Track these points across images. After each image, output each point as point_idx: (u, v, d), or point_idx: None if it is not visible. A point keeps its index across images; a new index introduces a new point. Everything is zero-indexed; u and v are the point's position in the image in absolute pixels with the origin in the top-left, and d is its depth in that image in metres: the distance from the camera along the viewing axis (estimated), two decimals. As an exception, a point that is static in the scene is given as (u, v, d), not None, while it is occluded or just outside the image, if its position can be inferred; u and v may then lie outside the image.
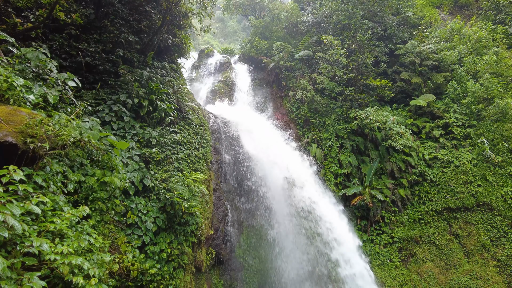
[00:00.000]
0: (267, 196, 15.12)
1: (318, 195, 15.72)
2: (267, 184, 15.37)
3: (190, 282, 11.92)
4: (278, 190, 15.35)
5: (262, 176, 15.46)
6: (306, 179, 15.98)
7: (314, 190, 15.80)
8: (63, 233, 4.39)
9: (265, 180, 15.43)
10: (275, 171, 15.65)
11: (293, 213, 14.85)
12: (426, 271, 15.54)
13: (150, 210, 10.87)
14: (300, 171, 16.32)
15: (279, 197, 15.37)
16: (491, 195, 15.92)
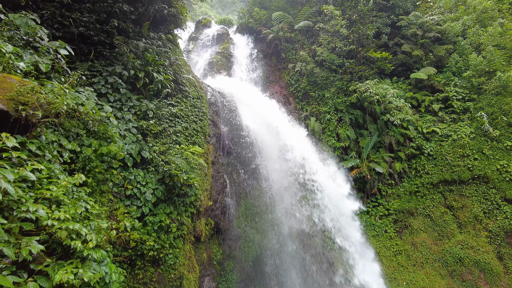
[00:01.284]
0: (266, 168, 15.24)
1: (317, 167, 15.83)
2: (265, 157, 15.44)
3: (190, 251, 12.24)
4: (276, 162, 15.44)
5: (260, 149, 15.50)
6: (304, 152, 16.02)
7: (313, 163, 15.90)
8: (60, 200, 4.43)
9: (264, 153, 15.49)
10: (273, 144, 15.67)
11: (291, 184, 15.00)
12: (420, 241, 15.96)
13: (149, 181, 10.95)
14: (299, 144, 16.32)
15: (278, 170, 15.50)
16: (487, 168, 16.06)
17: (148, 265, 10.58)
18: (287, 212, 14.74)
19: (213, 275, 12.89)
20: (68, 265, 3.96)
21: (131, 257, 10.03)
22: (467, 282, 14.50)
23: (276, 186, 15.16)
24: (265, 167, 15.29)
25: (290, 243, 14.32)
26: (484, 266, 14.45)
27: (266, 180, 15.21)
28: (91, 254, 4.14)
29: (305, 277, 13.93)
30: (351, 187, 16.27)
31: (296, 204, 14.75)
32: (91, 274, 3.90)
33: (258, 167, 15.26)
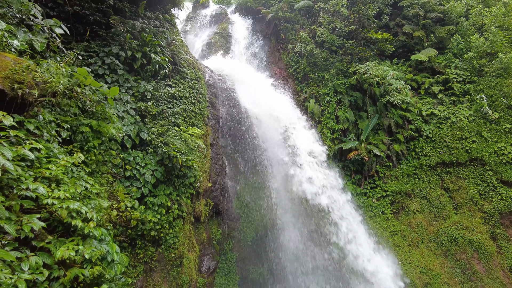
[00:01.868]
0: (265, 150, 15.27)
1: (315, 149, 15.88)
2: (265, 139, 15.45)
3: (190, 231, 12.44)
4: (275, 144, 15.46)
5: (259, 131, 15.49)
6: (302, 133, 16.03)
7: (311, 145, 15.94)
8: (59, 179, 4.45)
9: (263, 135, 15.49)
10: (272, 126, 15.65)
11: (290, 166, 15.07)
12: (416, 222, 16.22)
13: (148, 163, 11.00)
14: (297, 125, 16.31)
15: (276, 152, 15.54)
16: (485, 150, 16.14)
17: (149, 244, 10.78)
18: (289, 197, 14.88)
19: (213, 255, 13.15)
20: (70, 242, 4.02)
21: (132, 237, 10.20)
22: (461, 261, 14.85)
23: (276, 169, 15.25)
24: (265, 149, 15.32)
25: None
26: (478, 246, 14.75)
27: (266, 164, 15.27)
28: (92, 232, 4.20)
29: (302, 249, 14.19)
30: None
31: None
32: (92, 251, 3.97)
33: (257, 151, 15.29)
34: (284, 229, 14.37)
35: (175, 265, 11.29)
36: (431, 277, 14.73)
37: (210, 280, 12.67)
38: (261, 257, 14.29)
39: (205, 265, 12.62)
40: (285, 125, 15.82)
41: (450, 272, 14.83)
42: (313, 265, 13.96)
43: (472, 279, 14.45)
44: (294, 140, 15.49)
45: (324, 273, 13.87)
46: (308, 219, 14.45)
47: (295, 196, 14.67)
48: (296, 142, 15.51)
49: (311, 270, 13.89)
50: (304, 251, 14.06)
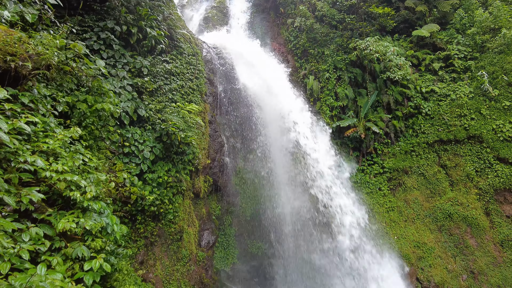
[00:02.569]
0: (263, 128, 15.24)
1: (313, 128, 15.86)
2: (263, 116, 15.38)
3: (189, 206, 12.62)
4: (273, 122, 15.41)
5: (258, 108, 15.39)
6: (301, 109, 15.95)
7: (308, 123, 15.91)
8: (57, 153, 4.44)
9: (261, 112, 15.40)
10: (271, 103, 15.54)
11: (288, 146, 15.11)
12: (412, 198, 16.48)
13: (147, 139, 10.99)
14: (296, 103, 16.20)
15: (275, 129, 15.51)
16: (483, 128, 16.15)
17: (149, 219, 10.96)
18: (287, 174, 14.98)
19: (212, 229, 13.42)
20: (70, 215, 4.07)
21: (132, 212, 10.35)
22: (454, 236, 15.22)
23: (275, 147, 15.25)
24: (263, 127, 15.28)
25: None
26: (472, 221, 15.07)
27: (265, 141, 15.27)
28: (91, 205, 4.24)
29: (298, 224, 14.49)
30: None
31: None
32: (92, 223, 4.03)
33: (256, 128, 15.25)
34: (281, 206, 14.58)
35: (175, 240, 11.53)
36: (425, 251, 15.14)
37: (210, 253, 12.99)
38: (260, 232, 14.59)
39: (205, 240, 12.90)
40: (283, 101, 15.68)
41: (444, 246, 15.23)
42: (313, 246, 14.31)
43: (464, 252, 14.86)
44: (292, 117, 15.41)
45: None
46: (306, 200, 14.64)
47: (293, 171, 14.78)
48: (295, 117, 15.42)
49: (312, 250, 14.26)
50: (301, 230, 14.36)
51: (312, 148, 15.16)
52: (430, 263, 14.86)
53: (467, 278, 14.48)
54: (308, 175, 14.60)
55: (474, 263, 14.58)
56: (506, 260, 14.32)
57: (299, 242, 14.25)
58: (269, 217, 14.51)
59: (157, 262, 10.97)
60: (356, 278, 13.71)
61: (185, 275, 11.49)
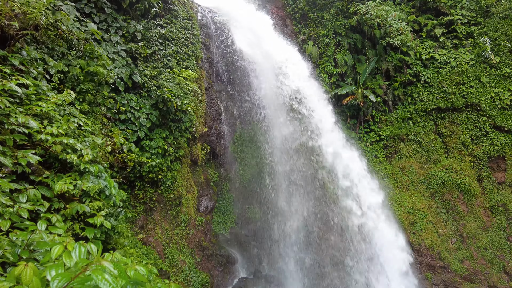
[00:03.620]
0: (261, 96, 15.08)
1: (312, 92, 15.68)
2: (261, 84, 15.16)
3: (187, 173, 12.78)
4: (271, 89, 15.22)
5: (255, 75, 15.12)
6: (300, 76, 15.69)
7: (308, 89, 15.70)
8: (51, 116, 4.41)
9: (259, 80, 15.16)
10: (269, 70, 15.25)
11: (286, 110, 14.99)
12: (408, 166, 16.72)
13: (143, 106, 10.90)
14: (295, 69, 15.89)
15: (273, 97, 15.36)
16: (481, 96, 16.06)
17: (147, 186, 11.13)
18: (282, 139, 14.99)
19: (211, 195, 13.69)
20: (67, 177, 4.12)
21: (130, 179, 10.49)
22: (447, 202, 15.62)
23: (273, 114, 15.16)
24: (261, 95, 15.10)
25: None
26: (464, 187, 15.41)
27: (262, 109, 15.15)
28: (88, 168, 4.28)
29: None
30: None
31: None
32: (90, 185, 4.09)
33: (254, 95, 15.08)
34: (279, 173, 14.76)
35: (174, 205, 11.79)
36: (418, 216, 15.60)
37: (208, 218, 13.35)
38: (257, 197, 14.90)
39: (203, 205, 13.20)
40: (281, 67, 15.38)
41: (436, 212, 15.68)
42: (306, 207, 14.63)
43: (455, 217, 15.34)
44: (290, 82, 15.15)
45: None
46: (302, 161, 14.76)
47: (290, 138, 14.81)
48: (294, 84, 15.18)
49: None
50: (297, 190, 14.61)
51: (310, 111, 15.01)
52: (422, 227, 15.37)
53: (456, 242, 15.05)
54: (310, 143, 14.63)
55: (463, 227, 15.09)
56: (494, 225, 14.82)
57: (298, 204, 14.49)
58: (266, 184, 14.73)
59: (157, 227, 11.29)
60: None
61: (184, 238, 11.88)
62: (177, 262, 10.91)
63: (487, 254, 14.43)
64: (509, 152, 15.23)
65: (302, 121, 14.64)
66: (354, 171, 14.82)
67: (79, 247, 1.52)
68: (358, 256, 13.87)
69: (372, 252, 13.97)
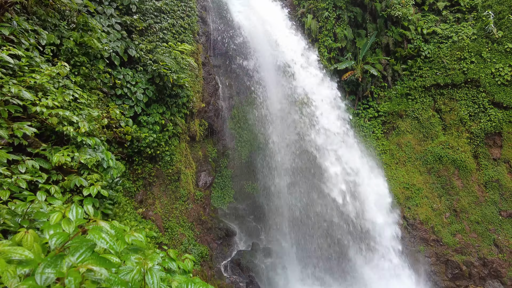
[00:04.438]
0: (258, 70, 14.86)
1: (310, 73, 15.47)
2: (258, 58, 14.91)
3: (186, 149, 12.83)
4: (270, 65, 14.98)
5: (253, 49, 14.85)
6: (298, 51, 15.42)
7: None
8: (45, 88, 4.36)
9: (257, 54, 14.90)
10: (267, 44, 14.96)
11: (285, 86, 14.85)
12: (405, 142, 16.80)
13: (139, 81, 10.77)
14: (293, 44, 15.60)
15: (272, 73, 15.15)
16: (482, 72, 15.90)
17: (146, 161, 11.20)
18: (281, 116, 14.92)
19: (209, 171, 13.80)
20: (64, 150, 4.13)
21: (129, 154, 10.54)
22: (442, 178, 15.84)
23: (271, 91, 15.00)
24: (259, 69, 14.89)
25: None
26: (460, 163, 15.57)
27: (260, 84, 14.97)
28: (85, 140, 4.28)
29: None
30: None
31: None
32: (87, 157, 4.10)
33: (251, 70, 14.87)
34: (276, 149, 14.80)
35: (173, 180, 11.92)
36: (413, 191, 15.85)
37: (207, 193, 13.54)
38: (255, 173, 15.05)
39: (202, 180, 13.34)
40: (279, 42, 15.08)
41: (431, 187, 15.92)
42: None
43: (449, 193, 15.60)
44: (288, 56, 14.89)
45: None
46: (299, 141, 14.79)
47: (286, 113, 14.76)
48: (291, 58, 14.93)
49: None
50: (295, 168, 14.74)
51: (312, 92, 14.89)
52: (417, 202, 15.66)
53: (449, 216, 15.39)
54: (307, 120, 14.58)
55: (457, 202, 15.39)
56: (487, 200, 15.11)
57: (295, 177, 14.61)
58: (263, 160, 14.81)
59: (156, 201, 11.46)
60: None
61: (183, 212, 12.10)
62: (176, 235, 11.17)
63: (479, 228, 14.81)
64: (506, 128, 15.28)
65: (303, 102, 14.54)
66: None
67: (76, 208, 1.55)
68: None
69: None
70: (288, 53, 14.89)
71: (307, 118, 14.37)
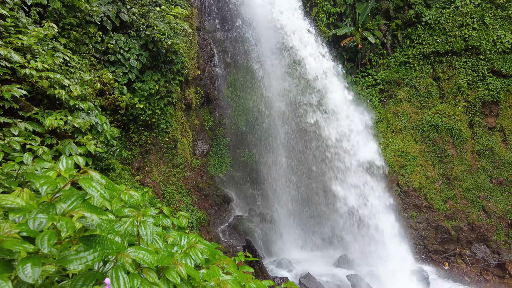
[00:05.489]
0: (254, 36, 14.46)
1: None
2: (255, 24, 14.43)
3: (182, 117, 12.77)
4: (267, 30, 14.52)
5: (250, 15, 14.33)
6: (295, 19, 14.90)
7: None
8: (33, 50, 4.23)
9: (253, 20, 14.40)
10: (263, 8, 14.41)
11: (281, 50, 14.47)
12: (402, 110, 16.78)
13: (132, 47, 10.48)
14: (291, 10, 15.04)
15: (268, 39, 14.74)
16: (483, 39, 15.59)
17: (142, 129, 11.18)
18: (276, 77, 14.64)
19: (206, 139, 13.84)
20: (57, 114, 4.09)
21: (124, 121, 10.49)
22: (437, 146, 16.01)
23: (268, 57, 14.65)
24: (255, 35, 14.46)
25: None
26: (455, 132, 15.68)
27: (257, 51, 14.59)
28: (78, 104, 4.24)
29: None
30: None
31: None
32: (81, 121, 4.08)
33: (247, 34, 14.43)
34: (272, 117, 14.74)
35: (170, 148, 11.97)
36: (408, 160, 16.07)
37: (204, 161, 13.66)
38: (251, 141, 15.10)
39: (199, 149, 13.41)
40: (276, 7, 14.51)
41: (426, 156, 16.13)
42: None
43: (443, 161, 15.84)
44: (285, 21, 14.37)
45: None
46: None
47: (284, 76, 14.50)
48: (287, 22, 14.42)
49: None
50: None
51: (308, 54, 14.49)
52: (411, 170, 15.93)
53: (442, 183, 15.73)
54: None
55: (451, 170, 15.67)
56: (480, 168, 15.39)
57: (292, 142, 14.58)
58: (260, 129, 14.80)
59: (154, 169, 11.58)
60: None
61: (181, 180, 12.27)
62: (174, 201, 11.40)
63: (469, 195, 15.20)
64: (503, 97, 15.25)
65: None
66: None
67: (66, 159, 1.56)
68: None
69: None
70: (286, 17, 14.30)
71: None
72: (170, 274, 1.56)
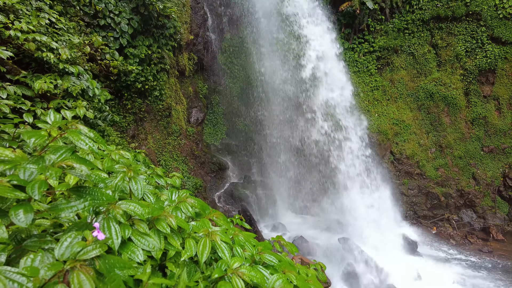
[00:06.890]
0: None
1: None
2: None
3: (175, 84, 12.59)
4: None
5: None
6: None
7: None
8: (16, 10, 4.07)
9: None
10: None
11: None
12: (398, 78, 16.63)
13: (122, 10, 10.11)
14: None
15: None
16: (484, 3, 15.18)
17: (135, 96, 11.06)
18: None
19: (200, 107, 13.75)
20: (47, 77, 4.03)
21: (117, 88, 10.35)
22: (432, 115, 16.07)
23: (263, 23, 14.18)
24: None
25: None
26: (450, 100, 15.68)
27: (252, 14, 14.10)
28: (68, 68, 4.15)
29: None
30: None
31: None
32: (71, 85, 4.03)
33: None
34: (268, 83, 14.56)
35: (164, 116, 11.92)
36: (402, 128, 16.18)
37: (199, 129, 13.66)
38: (246, 110, 15.03)
39: (194, 117, 13.36)
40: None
41: (420, 124, 16.23)
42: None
43: (437, 129, 15.98)
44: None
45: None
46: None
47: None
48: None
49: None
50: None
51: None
52: (405, 138, 16.09)
53: (434, 151, 15.98)
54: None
55: (444, 138, 15.85)
56: (472, 136, 15.58)
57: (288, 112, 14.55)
58: (255, 96, 14.66)
59: (148, 136, 11.59)
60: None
61: (176, 147, 12.34)
62: (170, 168, 11.53)
63: (460, 163, 15.51)
64: (501, 65, 15.13)
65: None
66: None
67: (53, 112, 1.57)
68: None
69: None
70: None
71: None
72: (161, 225, 1.64)
